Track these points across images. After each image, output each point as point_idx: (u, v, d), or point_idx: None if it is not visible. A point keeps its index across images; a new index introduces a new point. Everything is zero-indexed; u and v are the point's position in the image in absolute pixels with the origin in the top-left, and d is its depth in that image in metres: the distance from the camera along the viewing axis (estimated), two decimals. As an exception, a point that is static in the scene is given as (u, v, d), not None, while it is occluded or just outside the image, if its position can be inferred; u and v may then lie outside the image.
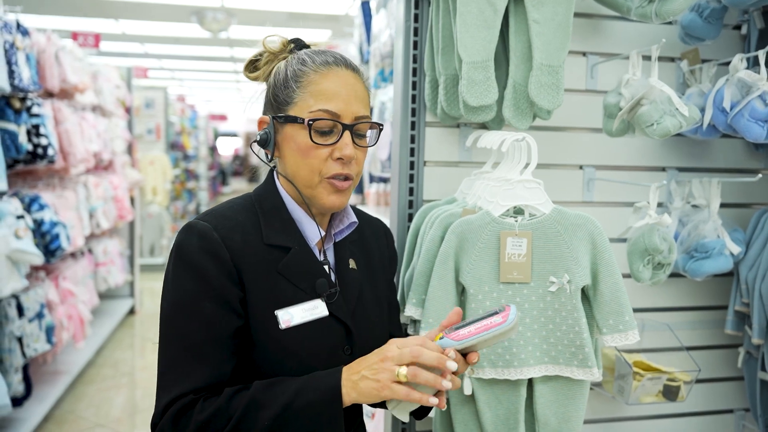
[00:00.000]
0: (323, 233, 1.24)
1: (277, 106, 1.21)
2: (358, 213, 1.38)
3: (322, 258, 1.23)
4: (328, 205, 1.19)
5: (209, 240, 1.12)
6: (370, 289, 1.30)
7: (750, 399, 2.00)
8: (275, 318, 1.13)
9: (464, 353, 1.10)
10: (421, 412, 1.31)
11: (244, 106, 1.34)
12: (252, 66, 1.29)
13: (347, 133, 1.17)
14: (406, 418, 1.14)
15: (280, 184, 1.25)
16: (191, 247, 1.12)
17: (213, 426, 1.04)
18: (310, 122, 1.15)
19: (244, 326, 1.13)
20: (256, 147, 1.24)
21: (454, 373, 1.07)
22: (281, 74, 1.21)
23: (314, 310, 1.16)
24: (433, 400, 1.04)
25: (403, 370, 1.03)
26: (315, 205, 1.21)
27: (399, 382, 1.03)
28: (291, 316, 1.14)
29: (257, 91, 1.30)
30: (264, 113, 1.26)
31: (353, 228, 1.29)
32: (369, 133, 1.24)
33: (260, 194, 1.25)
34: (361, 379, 1.06)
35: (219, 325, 1.10)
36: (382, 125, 1.26)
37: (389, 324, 1.35)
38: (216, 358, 1.09)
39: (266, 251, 1.16)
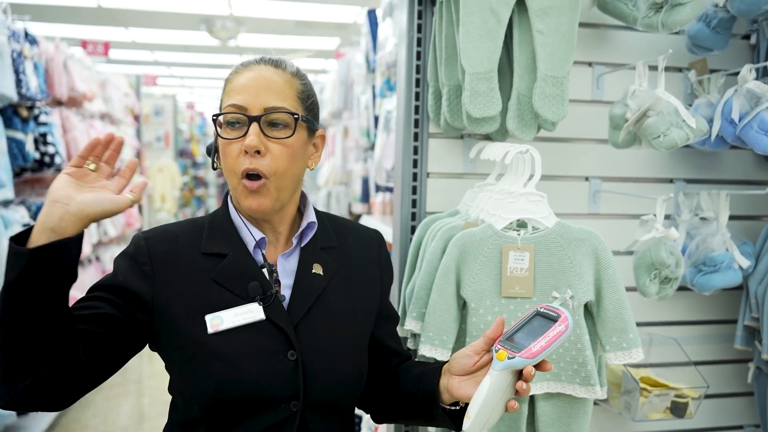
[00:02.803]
0: (259, 236, 1.20)
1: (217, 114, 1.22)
2: (350, 224, 1.35)
3: (263, 262, 1.20)
4: (246, 208, 1.17)
5: (135, 246, 1.16)
6: (343, 297, 1.24)
7: (760, 415, 1.96)
8: (202, 323, 1.12)
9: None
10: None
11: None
12: None
13: (254, 125, 1.12)
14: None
15: (231, 201, 1.26)
16: (120, 256, 1.17)
17: None
18: (214, 117, 1.16)
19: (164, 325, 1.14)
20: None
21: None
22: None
23: (248, 314, 1.14)
24: None
25: None
26: (241, 209, 1.21)
27: None
28: (221, 320, 1.13)
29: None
30: None
31: (314, 229, 1.25)
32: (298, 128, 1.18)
33: (215, 211, 1.27)
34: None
35: (101, 305, 1.09)
36: (297, 114, 1.16)
37: (386, 336, 1.32)
38: (90, 310, 1.08)
39: (203, 260, 1.17)
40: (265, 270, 1.18)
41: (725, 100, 1.71)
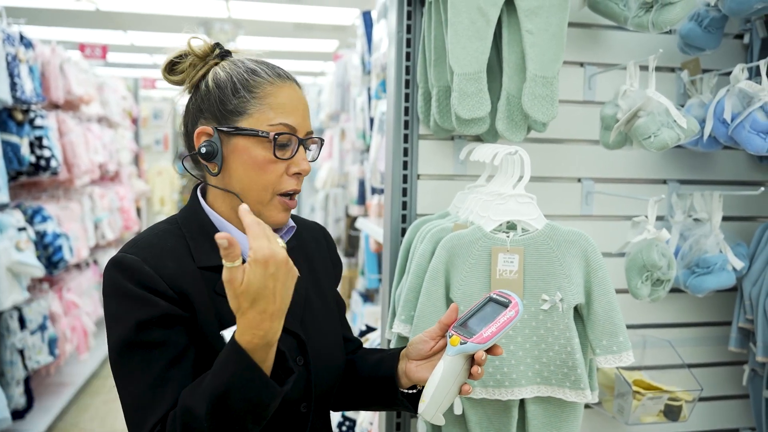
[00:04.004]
0: None
1: (224, 115, 1.13)
2: (295, 218, 1.35)
3: None
4: (278, 222, 1.16)
5: (142, 274, 1.05)
6: (317, 294, 1.26)
7: (756, 418, 1.94)
8: (222, 340, 1.07)
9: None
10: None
11: (173, 115, 1.27)
12: (170, 68, 1.20)
13: (302, 148, 1.15)
14: (442, 421, 1.13)
15: (204, 202, 1.19)
16: (126, 283, 1.05)
17: None
18: (276, 135, 1.11)
19: (198, 346, 1.08)
20: (189, 162, 1.19)
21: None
22: (226, 82, 1.14)
23: None
24: None
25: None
26: (263, 221, 1.16)
27: None
28: None
29: (178, 98, 1.23)
30: (195, 123, 1.17)
31: (292, 233, 1.25)
32: (313, 147, 1.23)
33: (185, 217, 1.19)
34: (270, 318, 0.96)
35: (175, 346, 1.05)
36: (323, 140, 1.24)
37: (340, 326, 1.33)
38: (180, 377, 1.03)
39: (201, 275, 1.11)
40: None
41: (717, 100, 1.70)
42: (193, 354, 1.07)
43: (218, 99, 1.14)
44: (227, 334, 1.06)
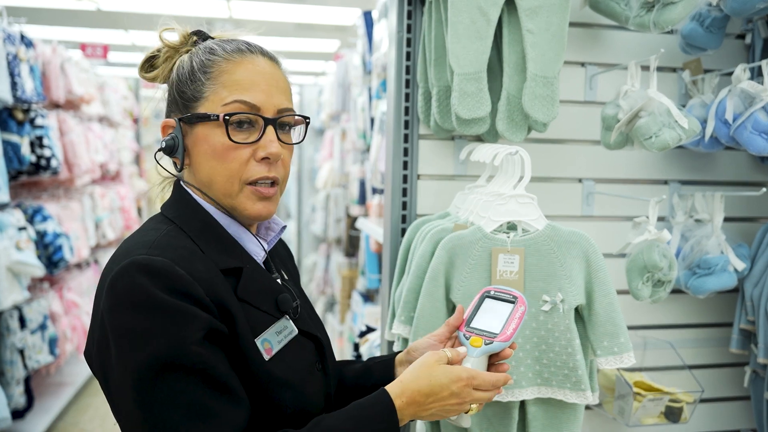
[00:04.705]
0: (267, 246, 1.10)
1: (184, 104, 1.04)
2: None
3: (271, 272, 1.12)
4: (254, 214, 1.04)
5: (176, 278, 0.91)
6: (303, 295, 1.20)
7: (757, 419, 1.93)
8: (258, 350, 0.98)
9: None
10: None
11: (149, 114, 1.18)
12: (148, 65, 1.11)
13: (270, 128, 1.02)
14: (468, 423, 1.15)
15: (197, 196, 1.07)
16: (157, 291, 0.90)
17: None
18: (227, 116, 0.99)
19: (233, 358, 0.97)
20: (161, 156, 1.08)
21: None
22: (186, 67, 1.05)
23: (285, 330, 1.05)
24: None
25: (474, 406, 1.07)
26: (239, 216, 1.05)
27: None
28: (270, 343, 1.01)
29: (156, 95, 1.14)
30: (168, 116, 1.08)
31: (283, 232, 1.17)
32: (296, 129, 1.10)
33: (181, 215, 1.05)
34: (425, 410, 1.03)
35: (217, 370, 0.92)
36: (308, 118, 1.11)
37: None
38: (226, 409, 0.91)
39: (226, 279, 1.00)
40: (279, 280, 1.11)
41: (719, 101, 1.69)
42: (237, 381, 0.95)
43: (177, 87, 1.06)
44: (260, 343, 1.00)
